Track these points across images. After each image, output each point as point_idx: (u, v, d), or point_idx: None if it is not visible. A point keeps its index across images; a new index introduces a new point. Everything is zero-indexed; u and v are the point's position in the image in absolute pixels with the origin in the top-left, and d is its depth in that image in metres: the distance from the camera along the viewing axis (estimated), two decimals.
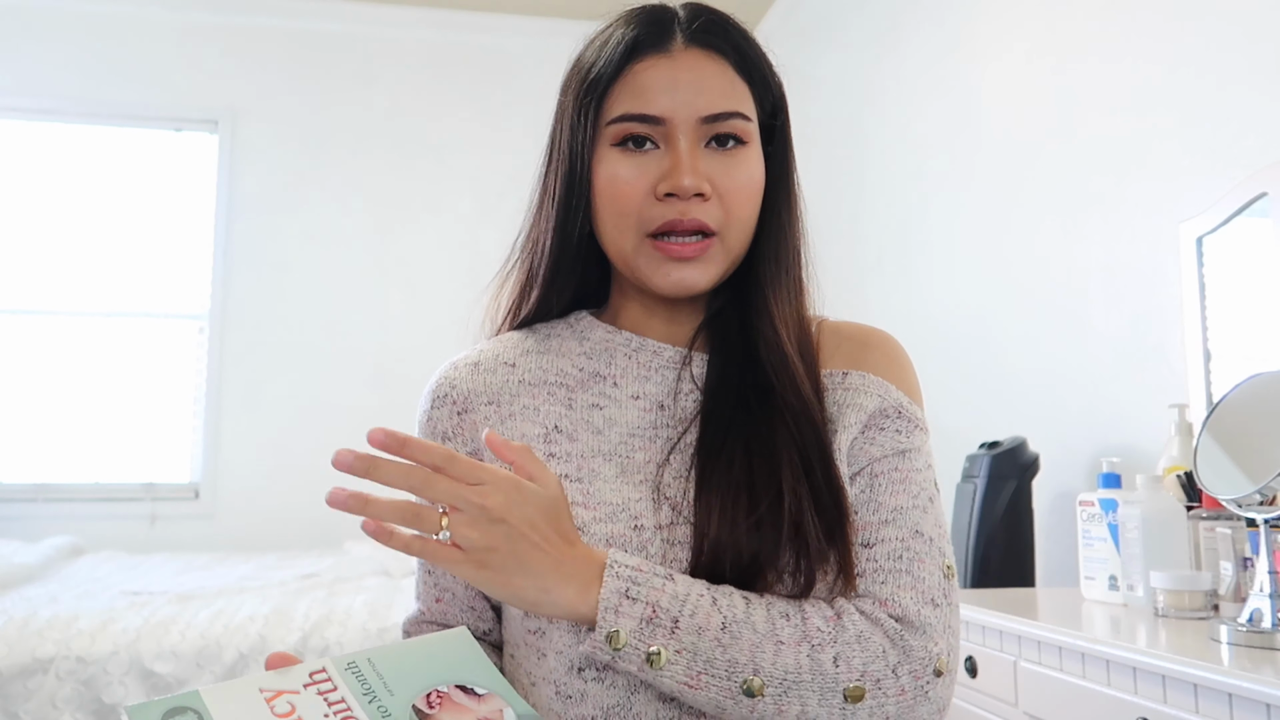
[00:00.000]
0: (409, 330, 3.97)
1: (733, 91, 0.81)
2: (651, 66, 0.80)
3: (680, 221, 0.79)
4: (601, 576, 0.69)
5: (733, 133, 0.80)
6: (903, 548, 0.76)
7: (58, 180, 3.92)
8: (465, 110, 4.20)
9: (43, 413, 3.82)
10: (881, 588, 0.75)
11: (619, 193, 0.80)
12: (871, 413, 0.82)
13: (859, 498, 0.79)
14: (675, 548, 0.76)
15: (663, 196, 0.79)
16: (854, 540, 0.77)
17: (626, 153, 0.80)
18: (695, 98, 0.79)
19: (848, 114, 3.44)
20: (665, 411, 0.84)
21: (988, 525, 2.01)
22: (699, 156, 0.79)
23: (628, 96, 0.80)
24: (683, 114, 0.79)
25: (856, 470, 0.81)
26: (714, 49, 0.81)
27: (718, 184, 0.80)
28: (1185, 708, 1.11)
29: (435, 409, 0.87)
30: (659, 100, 0.79)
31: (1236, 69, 1.75)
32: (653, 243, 0.80)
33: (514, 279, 0.91)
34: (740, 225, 0.81)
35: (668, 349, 0.86)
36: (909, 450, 0.82)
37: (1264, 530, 1.22)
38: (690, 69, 0.80)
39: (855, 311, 0.93)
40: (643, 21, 0.83)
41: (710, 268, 0.81)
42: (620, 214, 0.81)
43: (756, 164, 0.83)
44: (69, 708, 2.06)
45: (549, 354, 0.88)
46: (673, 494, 0.79)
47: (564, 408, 0.84)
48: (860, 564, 0.76)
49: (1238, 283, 1.72)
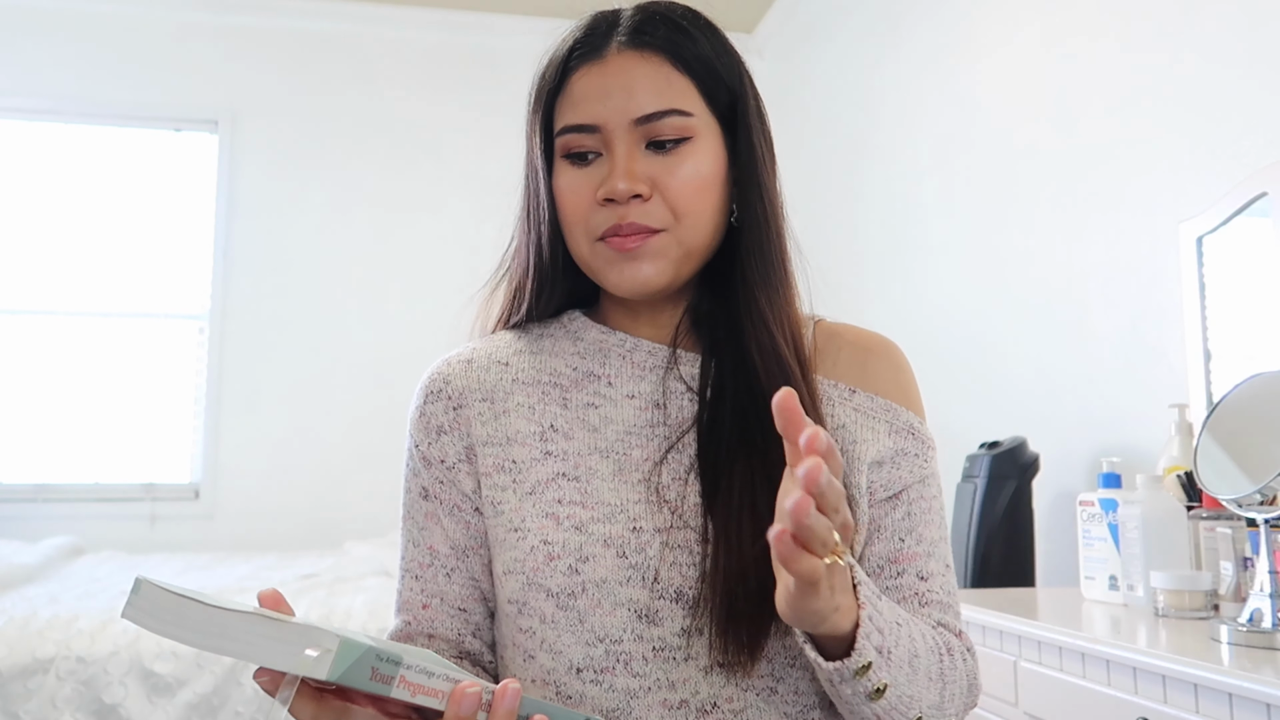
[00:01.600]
0: (409, 330, 3.96)
1: (668, 89, 0.80)
2: (585, 75, 0.81)
3: (620, 226, 0.79)
4: (855, 591, 0.67)
5: (671, 133, 0.79)
6: (947, 583, 0.83)
7: (58, 180, 3.92)
8: (465, 110, 4.20)
9: (43, 413, 3.82)
10: (953, 620, 0.82)
11: (566, 203, 0.82)
12: (890, 435, 0.83)
13: (900, 525, 0.82)
14: (674, 551, 0.76)
15: (602, 202, 0.79)
16: (857, 547, 0.80)
17: (573, 165, 0.81)
18: (626, 102, 0.79)
19: (847, 114, 3.44)
20: (661, 411, 0.83)
21: (988, 525, 2.01)
22: (636, 159, 0.79)
23: (567, 108, 0.81)
24: (615, 120, 0.79)
25: (889, 495, 0.83)
26: (647, 48, 0.81)
27: (659, 183, 0.79)
28: (1185, 708, 1.11)
29: (429, 404, 0.86)
30: (592, 109, 0.80)
31: (1236, 69, 1.75)
32: (603, 244, 0.81)
33: (503, 289, 0.91)
34: (692, 220, 0.80)
35: (662, 349, 0.86)
36: (928, 476, 0.85)
37: (1264, 530, 1.22)
38: (620, 73, 0.80)
39: (854, 312, 0.93)
40: (584, 29, 0.83)
41: (661, 263, 0.80)
42: (571, 223, 0.82)
43: (704, 157, 0.81)
44: (69, 708, 2.06)
45: (542, 354, 0.88)
46: (672, 496, 0.79)
47: (559, 407, 0.84)
48: (924, 595, 0.81)
49: (1238, 283, 1.72)
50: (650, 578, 0.75)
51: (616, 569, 0.76)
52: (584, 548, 0.77)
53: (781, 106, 3.96)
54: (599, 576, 0.76)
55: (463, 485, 0.84)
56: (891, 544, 0.81)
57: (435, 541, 0.86)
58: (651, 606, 0.75)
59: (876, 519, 0.82)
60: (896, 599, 0.80)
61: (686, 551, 0.76)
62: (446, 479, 0.85)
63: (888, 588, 0.81)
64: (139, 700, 2.09)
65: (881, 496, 0.82)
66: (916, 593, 0.81)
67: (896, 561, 0.81)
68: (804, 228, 0.92)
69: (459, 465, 0.84)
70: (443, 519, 0.85)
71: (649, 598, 0.75)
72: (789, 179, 0.91)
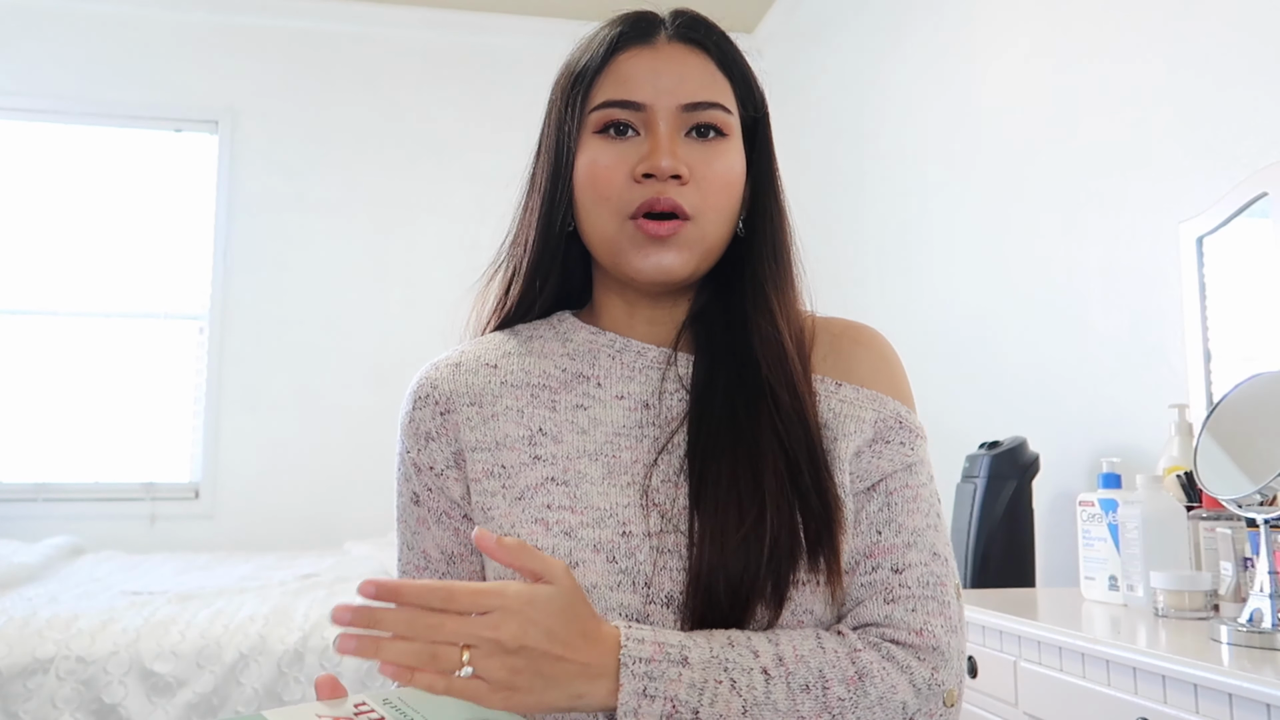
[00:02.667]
0: (409, 330, 3.96)
1: (714, 84, 0.83)
2: (635, 56, 0.83)
3: (657, 200, 0.79)
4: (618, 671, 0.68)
5: (713, 123, 0.82)
6: (928, 573, 0.78)
7: (58, 180, 3.91)
8: (465, 110, 4.19)
9: (43, 413, 3.82)
10: (914, 616, 0.76)
11: (599, 177, 0.81)
12: (874, 425, 0.82)
13: (877, 516, 0.80)
14: (665, 555, 0.76)
15: (640, 178, 0.80)
16: (842, 544, 0.77)
17: (608, 140, 0.82)
18: (677, 85, 0.81)
19: (848, 114, 3.44)
20: (651, 411, 0.83)
21: (988, 525, 2.01)
22: (678, 142, 0.81)
23: (610, 85, 0.82)
24: (664, 101, 0.81)
25: (868, 486, 0.81)
26: (697, 44, 0.84)
27: (696, 170, 0.81)
28: (1185, 708, 1.11)
29: (417, 410, 0.86)
30: (641, 88, 0.81)
31: (1236, 69, 1.75)
32: (634, 223, 0.80)
33: (499, 279, 0.91)
34: (717, 213, 0.82)
35: (651, 349, 0.86)
36: (915, 464, 0.82)
37: (1264, 530, 1.22)
38: (673, 59, 0.83)
39: (855, 312, 0.93)
40: (629, 20, 0.86)
41: (685, 253, 0.81)
42: (600, 198, 0.81)
43: (736, 156, 0.84)
44: (69, 708, 2.06)
45: (531, 355, 0.87)
46: (661, 500, 0.78)
47: (548, 410, 0.84)
48: (893, 589, 0.77)
49: (1238, 283, 1.72)
50: (642, 583, 0.75)
51: (607, 574, 0.75)
52: (574, 553, 0.76)
53: (782, 106, 3.95)
54: (589, 582, 0.75)
55: (451, 492, 0.84)
56: (868, 538, 0.79)
57: (427, 546, 0.86)
58: (644, 611, 0.75)
59: (856, 511, 0.80)
60: (866, 595, 0.77)
61: (677, 556, 0.76)
62: (435, 486, 0.85)
63: (861, 584, 0.78)
64: (139, 700, 2.09)
65: (860, 488, 0.80)
66: (886, 587, 0.77)
67: (871, 556, 0.78)
68: (804, 227, 0.92)
69: (447, 472, 0.84)
70: (432, 526, 0.85)
71: (641, 603, 0.75)
72: (789, 179, 0.92)
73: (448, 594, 0.63)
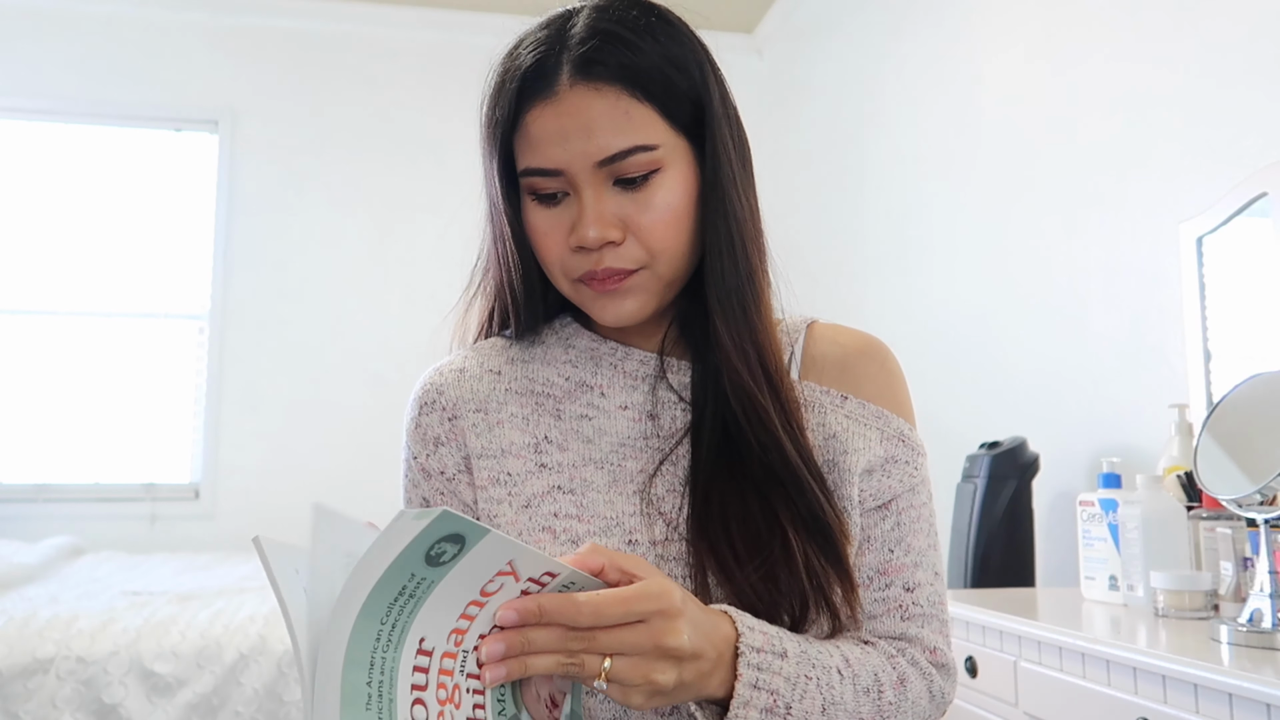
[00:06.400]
0: (408, 330, 3.96)
1: (628, 124, 0.75)
2: (539, 116, 0.76)
3: (595, 272, 0.77)
4: (735, 661, 0.67)
5: (637, 170, 0.75)
6: (934, 592, 0.82)
7: (58, 180, 3.91)
8: (465, 110, 4.11)
9: (43, 413, 3.82)
10: (927, 634, 0.81)
11: (539, 244, 0.79)
12: (882, 443, 0.82)
13: (889, 535, 0.82)
14: (670, 564, 0.77)
15: (575, 249, 0.77)
16: (850, 559, 0.78)
17: (541, 205, 0.78)
18: (586, 144, 0.74)
19: (847, 114, 3.44)
20: (656, 421, 0.83)
21: (988, 525, 2.01)
22: (605, 201, 0.76)
23: (525, 150, 0.77)
24: (577, 164, 0.75)
25: (879, 504, 0.82)
26: (599, 79, 0.75)
27: (631, 221, 0.76)
28: (1185, 708, 1.11)
29: (424, 415, 0.86)
30: (551, 153, 0.75)
31: (1236, 69, 1.75)
32: (583, 284, 0.79)
33: (478, 306, 0.89)
34: (669, 253, 0.78)
35: (653, 358, 0.85)
36: (918, 484, 0.84)
37: (1264, 530, 1.22)
38: (576, 113, 0.75)
39: (854, 312, 0.93)
40: (529, 69, 0.77)
41: (644, 296, 0.79)
42: (547, 263, 0.80)
43: (675, 187, 0.77)
44: (69, 708, 2.06)
45: (534, 362, 0.87)
46: (666, 509, 0.79)
47: (553, 418, 0.84)
48: (907, 608, 0.81)
49: (1238, 283, 1.72)
50: None
51: None
52: None
53: (781, 106, 3.96)
54: None
55: (463, 496, 0.84)
56: (881, 555, 0.81)
57: None
58: None
59: (867, 529, 0.82)
60: (881, 611, 0.80)
61: (682, 564, 0.76)
62: (447, 490, 0.84)
63: (875, 599, 0.81)
64: (139, 700, 2.09)
65: (871, 505, 0.82)
66: (900, 605, 0.80)
67: (885, 574, 0.81)
68: (803, 228, 0.92)
69: (459, 476, 0.84)
70: None
71: None
72: (788, 179, 0.92)
73: (595, 611, 0.61)
